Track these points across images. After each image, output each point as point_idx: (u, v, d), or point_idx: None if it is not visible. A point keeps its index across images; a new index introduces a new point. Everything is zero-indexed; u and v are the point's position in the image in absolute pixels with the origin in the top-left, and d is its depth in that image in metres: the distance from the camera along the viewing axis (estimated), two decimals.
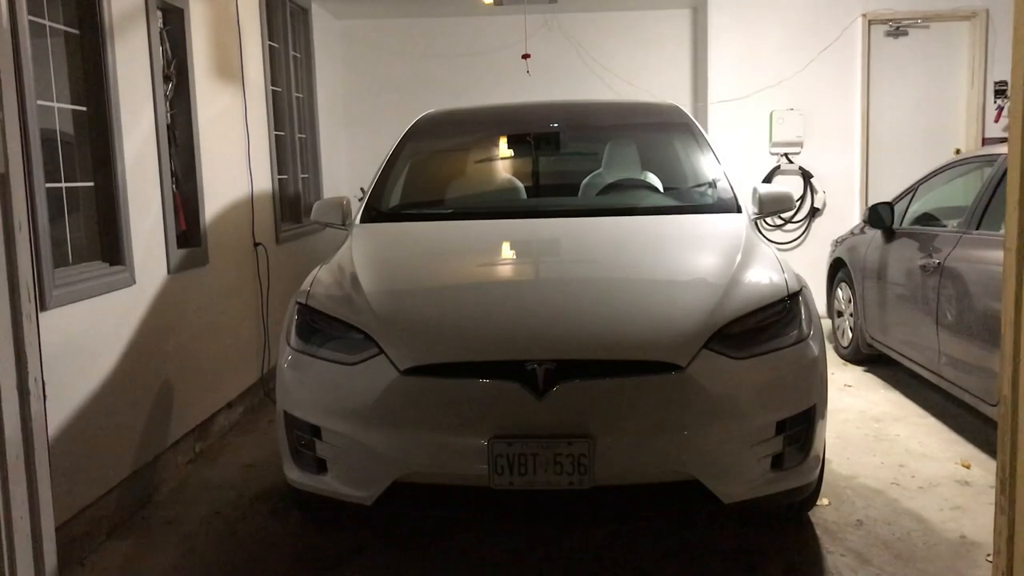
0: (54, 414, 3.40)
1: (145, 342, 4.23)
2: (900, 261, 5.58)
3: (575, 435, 2.94)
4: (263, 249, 5.91)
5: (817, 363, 3.30)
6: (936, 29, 8.22)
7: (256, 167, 5.91)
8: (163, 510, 4.14)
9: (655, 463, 3.02)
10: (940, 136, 8.28)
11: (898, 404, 5.56)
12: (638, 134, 5.19)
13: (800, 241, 8.48)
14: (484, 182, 5.08)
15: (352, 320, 3.28)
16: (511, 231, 4.24)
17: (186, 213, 4.88)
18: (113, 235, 4.03)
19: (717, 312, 3.17)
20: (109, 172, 3.98)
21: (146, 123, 4.34)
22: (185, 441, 4.69)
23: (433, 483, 3.09)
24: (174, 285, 4.57)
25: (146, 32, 4.36)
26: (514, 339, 3.09)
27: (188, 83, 4.83)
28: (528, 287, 3.64)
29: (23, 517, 2.43)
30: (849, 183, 8.38)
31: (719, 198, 4.39)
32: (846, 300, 6.69)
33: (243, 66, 5.71)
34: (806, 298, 3.45)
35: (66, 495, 3.45)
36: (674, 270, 3.66)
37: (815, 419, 3.25)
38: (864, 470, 4.39)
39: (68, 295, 3.55)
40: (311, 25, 7.55)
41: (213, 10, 5.24)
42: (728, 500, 3.06)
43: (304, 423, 3.27)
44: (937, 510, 3.90)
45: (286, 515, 4.00)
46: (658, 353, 3.03)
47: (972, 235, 4.74)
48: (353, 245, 4.00)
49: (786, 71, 8.23)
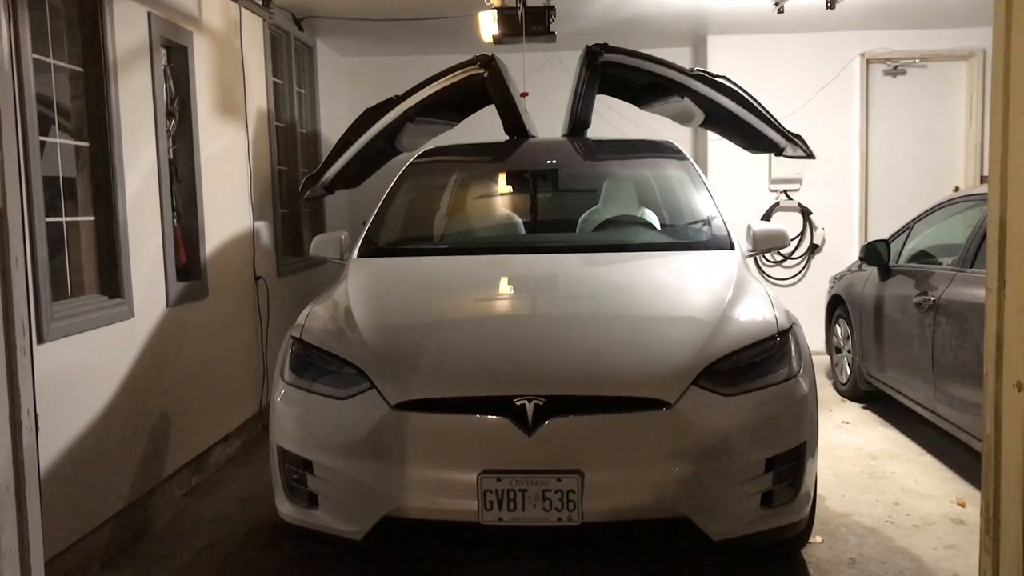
0: (49, 446, 3.43)
1: (143, 374, 4.26)
2: (896, 298, 5.60)
3: (564, 471, 2.95)
4: (263, 282, 5.96)
5: (807, 400, 3.31)
6: (934, 68, 8.31)
7: (258, 201, 5.98)
8: (157, 543, 4.14)
9: (644, 500, 3.03)
10: (939, 174, 8.33)
11: (895, 441, 5.55)
12: (635, 171, 5.25)
13: (800, 277, 8.50)
14: (482, 218, 5.13)
15: (345, 355, 3.31)
16: (506, 267, 4.28)
17: (187, 246, 4.93)
18: (113, 268, 4.08)
19: (706, 349, 3.19)
20: (110, 206, 4.04)
21: (148, 158, 4.41)
22: (181, 474, 4.71)
23: (423, 518, 3.10)
24: (173, 318, 4.61)
25: (150, 69, 4.44)
26: (503, 375, 3.12)
27: (191, 119, 4.91)
28: (519, 323, 3.67)
29: (12, 550, 2.44)
30: (848, 220, 8.42)
31: (713, 235, 4.43)
32: (844, 337, 6.70)
33: (246, 102, 5.80)
34: (797, 335, 3.47)
35: (58, 528, 3.46)
36: (665, 307, 3.69)
37: (805, 456, 3.25)
38: (859, 508, 4.38)
39: (66, 328, 3.59)
40: (316, 62, 7.66)
41: (217, 48, 5.34)
42: (717, 537, 3.06)
43: (296, 457, 3.28)
44: (931, 549, 3.88)
45: (280, 549, 4.00)
46: (646, 390, 3.05)
47: (966, 273, 4.76)
48: (349, 280, 4.04)
49: (785, 109, 8.29)
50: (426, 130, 5.99)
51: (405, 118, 5.28)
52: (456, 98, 5.53)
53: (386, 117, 5.25)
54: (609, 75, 5.24)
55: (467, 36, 7.27)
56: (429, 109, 5.34)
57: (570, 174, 5.38)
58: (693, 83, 5.20)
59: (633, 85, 5.85)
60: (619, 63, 5.13)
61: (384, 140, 5.49)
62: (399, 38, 8.03)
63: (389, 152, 5.94)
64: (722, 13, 7.32)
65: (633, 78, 5.49)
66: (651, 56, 5.21)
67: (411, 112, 5.22)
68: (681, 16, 7.37)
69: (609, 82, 5.43)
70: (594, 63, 5.08)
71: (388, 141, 5.60)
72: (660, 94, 5.76)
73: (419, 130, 5.81)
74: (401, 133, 5.57)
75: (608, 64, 5.10)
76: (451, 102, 5.68)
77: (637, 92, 6.11)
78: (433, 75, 5.21)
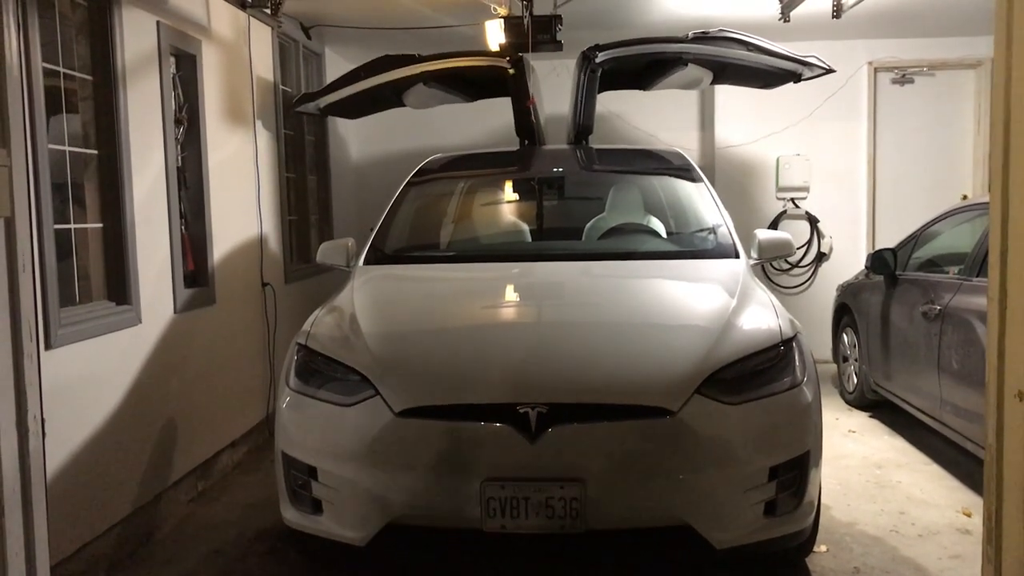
0: (56, 450, 3.45)
1: (150, 380, 4.28)
2: (903, 307, 5.59)
3: (567, 479, 2.96)
4: (271, 289, 5.98)
5: (811, 409, 3.31)
6: (942, 77, 8.29)
7: (266, 208, 6.01)
8: (163, 548, 4.16)
9: (647, 508, 3.03)
10: (947, 182, 8.30)
11: (902, 450, 5.53)
12: (641, 179, 5.26)
13: (807, 285, 8.49)
14: (488, 226, 5.15)
15: (349, 362, 3.32)
16: (511, 275, 4.29)
17: (194, 253, 4.96)
18: (120, 275, 4.11)
19: (710, 357, 3.19)
20: (118, 214, 4.07)
21: (156, 166, 4.44)
22: (187, 480, 4.73)
23: (426, 525, 3.11)
24: (180, 324, 4.64)
25: (158, 78, 4.47)
26: (507, 382, 3.13)
27: (199, 127, 4.94)
28: (523, 331, 3.68)
29: (18, 554, 2.46)
30: (856, 228, 8.41)
31: (718, 243, 4.44)
32: (851, 345, 6.69)
33: (255, 109, 5.84)
34: (800, 344, 3.47)
35: (64, 532, 3.49)
36: (669, 315, 3.70)
37: (809, 465, 3.25)
38: (864, 517, 4.37)
39: (74, 334, 3.61)
40: (324, 70, 7.70)
41: (226, 56, 5.37)
42: (720, 546, 3.07)
43: (301, 463, 3.30)
44: (936, 559, 3.87)
45: (284, 555, 4.02)
46: (649, 398, 3.05)
47: (972, 282, 4.75)
48: (355, 286, 4.06)
49: (792, 117, 8.30)
50: (437, 96, 6.08)
51: (419, 78, 5.36)
52: (475, 79, 5.63)
53: (402, 70, 5.34)
54: (607, 70, 5.29)
55: (474, 45, 7.28)
56: (445, 79, 5.44)
57: (576, 182, 5.40)
58: (694, 48, 5.26)
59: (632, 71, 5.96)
60: (616, 57, 5.19)
61: (392, 91, 5.58)
62: (407, 47, 8.06)
63: (394, 103, 6.01)
64: (728, 22, 7.32)
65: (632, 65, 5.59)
66: (644, 38, 5.29)
67: (427, 75, 5.31)
68: (687, 25, 7.35)
69: (608, 77, 5.48)
70: (592, 66, 5.12)
71: (396, 93, 5.67)
72: (662, 70, 5.83)
73: (430, 93, 5.93)
74: (411, 90, 5.64)
75: (606, 62, 5.15)
76: (469, 80, 5.77)
77: (638, 77, 6.18)
78: (461, 51, 5.31)
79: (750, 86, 6.47)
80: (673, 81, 6.10)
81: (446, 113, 8.06)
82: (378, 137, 9.10)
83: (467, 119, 8.72)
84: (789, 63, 5.63)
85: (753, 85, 6.39)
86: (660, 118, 8.87)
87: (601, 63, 5.18)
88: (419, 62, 5.32)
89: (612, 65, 5.30)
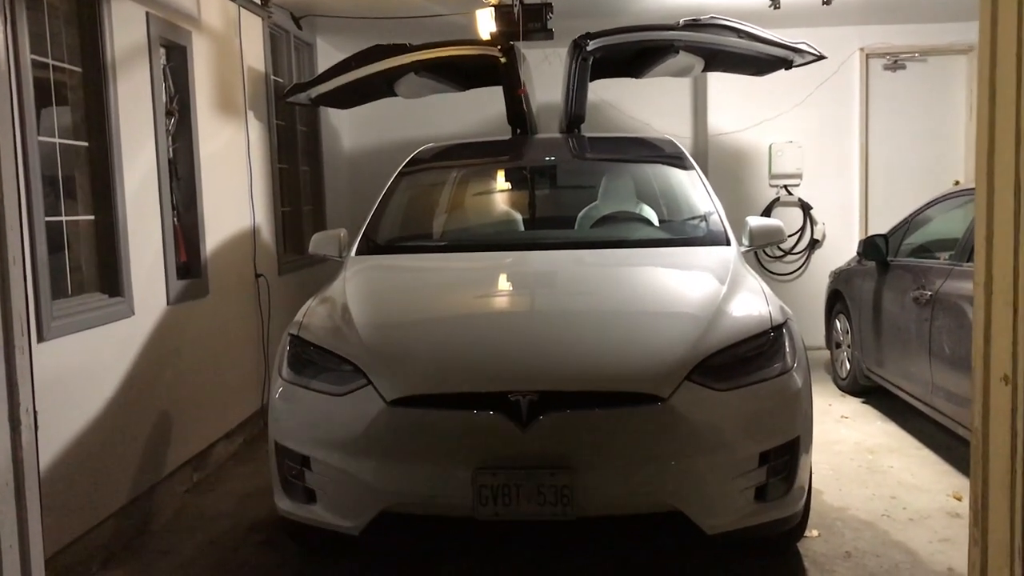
0: (50, 443, 3.46)
1: (143, 372, 4.29)
2: (894, 293, 5.61)
3: (558, 466, 2.98)
4: (264, 280, 5.99)
5: (801, 395, 3.33)
6: (934, 63, 8.30)
7: (258, 199, 6.00)
8: (158, 539, 4.18)
9: (638, 494, 3.06)
10: (939, 168, 8.32)
11: (894, 436, 5.56)
12: (634, 167, 5.27)
13: (800, 272, 8.51)
14: (480, 215, 5.16)
15: (341, 351, 3.33)
16: (503, 264, 4.30)
17: (187, 245, 4.96)
18: (113, 267, 4.11)
19: (700, 344, 3.21)
20: (109, 206, 4.07)
21: (147, 158, 4.44)
22: (183, 471, 4.74)
23: (419, 513, 3.13)
24: (173, 316, 4.64)
25: (149, 69, 4.46)
26: (498, 371, 3.15)
27: (190, 118, 4.94)
28: (514, 319, 3.69)
29: (12, 546, 2.47)
30: (848, 214, 8.43)
31: (709, 231, 4.45)
32: (843, 331, 6.72)
33: (246, 100, 5.83)
34: (791, 330, 3.48)
35: (59, 525, 3.50)
36: (659, 302, 3.71)
37: (799, 451, 3.27)
38: (855, 502, 4.40)
39: (66, 326, 3.62)
40: (316, 60, 7.68)
41: (216, 46, 5.36)
42: (711, 531, 3.09)
43: (294, 453, 3.32)
44: (926, 542, 3.91)
45: (280, 545, 4.03)
46: (640, 385, 3.07)
47: (962, 267, 4.77)
48: (347, 277, 4.07)
49: (785, 104, 8.30)
50: (428, 85, 6.09)
51: (411, 67, 5.36)
52: (466, 68, 5.63)
53: (393, 59, 5.34)
54: (599, 59, 5.30)
55: (465, 34, 7.27)
56: (437, 68, 5.44)
57: (568, 171, 5.41)
58: (685, 35, 5.28)
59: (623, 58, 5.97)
60: (607, 45, 5.19)
61: (384, 80, 5.58)
62: (398, 36, 8.04)
63: (385, 92, 6.02)
64: (719, 10, 7.31)
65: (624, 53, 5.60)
66: (635, 26, 5.29)
67: (418, 64, 5.31)
68: (678, 13, 7.33)
69: (599, 65, 5.49)
70: (583, 54, 5.13)
71: (388, 83, 5.68)
72: (653, 57, 5.84)
73: (422, 83, 5.92)
74: (403, 79, 5.65)
75: (598, 50, 5.16)
76: (460, 69, 5.77)
77: (629, 64, 6.18)
78: (452, 40, 5.32)
79: (742, 73, 6.52)
80: (665, 69, 6.11)
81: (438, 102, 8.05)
82: (370, 127, 9.08)
83: (459, 108, 8.69)
84: (780, 50, 5.64)
85: (745, 72, 6.43)
86: (653, 106, 8.87)
87: (592, 51, 5.19)
88: (410, 51, 5.31)
89: (603, 53, 5.31)
